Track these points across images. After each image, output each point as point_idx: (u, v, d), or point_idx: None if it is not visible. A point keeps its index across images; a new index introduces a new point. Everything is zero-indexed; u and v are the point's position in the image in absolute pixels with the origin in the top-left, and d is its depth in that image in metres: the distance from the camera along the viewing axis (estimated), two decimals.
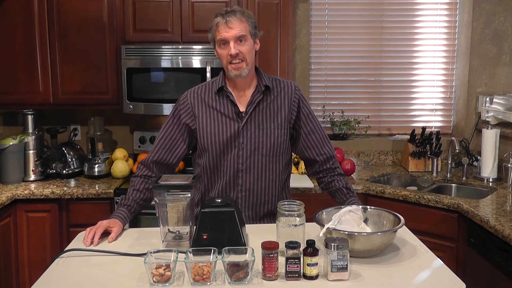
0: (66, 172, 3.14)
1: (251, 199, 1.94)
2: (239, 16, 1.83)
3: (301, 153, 2.03)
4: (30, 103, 3.11)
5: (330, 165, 2.01)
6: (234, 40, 1.82)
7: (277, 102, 1.94)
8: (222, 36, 1.82)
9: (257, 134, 1.90)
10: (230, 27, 1.81)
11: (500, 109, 3.25)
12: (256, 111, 1.91)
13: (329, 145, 2.02)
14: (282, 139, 1.93)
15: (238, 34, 1.82)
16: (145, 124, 3.50)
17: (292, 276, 1.40)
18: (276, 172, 1.96)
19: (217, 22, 1.83)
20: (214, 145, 1.90)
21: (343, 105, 3.62)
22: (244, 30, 1.83)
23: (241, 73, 1.85)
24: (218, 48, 1.87)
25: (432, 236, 2.61)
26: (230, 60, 1.84)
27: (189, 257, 1.41)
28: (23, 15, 3.00)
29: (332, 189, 2.00)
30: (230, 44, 1.82)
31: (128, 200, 1.89)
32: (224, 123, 1.91)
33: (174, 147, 1.95)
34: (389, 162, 3.59)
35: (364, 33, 3.61)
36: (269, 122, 1.92)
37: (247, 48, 1.85)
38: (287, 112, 1.95)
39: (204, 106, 1.93)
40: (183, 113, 1.94)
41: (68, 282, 1.44)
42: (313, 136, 1.98)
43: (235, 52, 1.82)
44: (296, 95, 1.97)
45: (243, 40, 1.84)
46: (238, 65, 1.84)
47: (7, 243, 2.75)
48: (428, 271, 1.52)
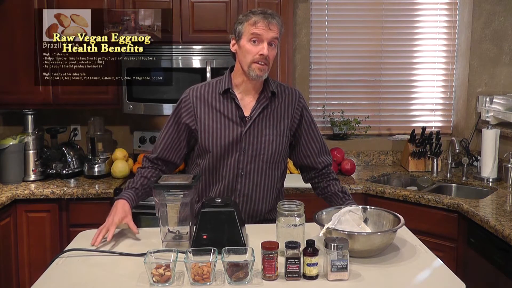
0: (66, 172, 3.14)
1: (248, 205, 1.93)
2: (278, 21, 1.84)
3: (299, 161, 2.03)
4: (30, 103, 3.11)
5: (325, 171, 2.02)
6: (268, 42, 1.81)
7: (281, 109, 1.94)
8: (260, 32, 1.80)
9: (259, 140, 1.90)
10: (270, 28, 1.80)
11: (500, 109, 3.25)
12: (260, 116, 1.91)
13: (327, 154, 2.04)
14: (282, 147, 1.94)
15: (275, 36, 1.82)
16: (145, 124, 3.50)
17: (292, 276, 1.40)
18: (274, 179, 1.96)
19: (256, 19, 1.81)
20: (215, 148, 1.89)
21: (343, 105, 3.62)
22: (278, 36, 1.85)
23: (262, 75, 1.84)
24: (247, 42, 1.83)
25: (432, 236, 2.61)
26: (258, 60, 1.82)
27: (189, 257, 1.41)
28: (23, 15, 3.00)
29: (328, 194, 2.00)
30: (263, 44, 1.81)
31: (136, 183, 1.90)
32: (227, 126, 1.89)
33: (177, 147, 1.95)
34: (389, 162, 3.59)
35: (364, 33, 3.60)
36: (272, 129, 1.91)
37: (274, 54, 1.86)
38: (290, 120, 1.95)
39: (206, 107, 1.91)
40: (184, 112, 1.92)
41: (68, 282, 1.44)
42: (313, 145, 1.99)
43: (267, 53, 1.81)
44: (300, 104, 1.97)
45: (274, 45, 1.84)
46: (263, 66, 1.83)
47: (7, 243, 2.75)
48: (428, 271, 1.52)
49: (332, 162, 2.07)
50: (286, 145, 1.96)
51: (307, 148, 1.99)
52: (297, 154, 2.02)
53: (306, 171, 2.06)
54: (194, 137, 1.94)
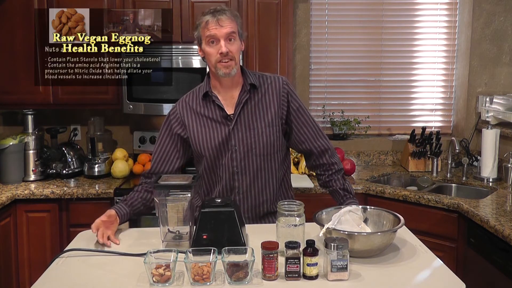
0: (66, 172, 3.14)
1: (249, 201, 1.93)
2: (229, 15, 1.82)
3: (296, 147, 2.01)
4: (30, 103, 3.11)
5: (327, 158, 1.98)
6: (225, 38, 1.81)
7: (265, 100, 1.92)
8: (212, 33, 1.80)
9: (248, 135, 1.89)
10: (221, 25, 1.79)
11: (500, 109, 3.25)
12: (244, 111, 1.90)
13: (323, 137, 1.99)
14: (274, 137, 1.91)
15: (229, 31, 1.81)
16: (145, 124, 3.50)
17: (292, 276, 1.40)
18: (272, 171, 1.94)
19: (207, 20, 1.81)
20: (207, 151, 1.90)
21: (343, 105, 3.62)
22: (234, 29, 1.83)
23: (230, 71, 1.83)
24: (206, 46, 1.84)
25: (432, 236, 2.61)
26: (220, 59, 1.82)
27: (189, 257, 1.41)
28: (23, 15, 3.00)
29: (330, 189, 2.00)
30: (220, 42, 1.80)
31: (124, 197, 1.93)
32: (213, 128, 1.90)
33: (169, 159, 1.96)
34: (389, 162, 3.59)
35: (364, 33, 3.60)
36: (259, 121, 1.90)
37: (236, 48, 1.84)
38: (277, 108, 1.92)
39: (193, 114, 1.93)
40: (174, 123, 1.94)
41: (68, 282, 1.44)
42: (305, 129, 1.95)
43: (226, 50, 1.80)
44: (284, 90, 1.93)
45: (233, 39, 1.83)
46: (228, 63, 1.82)
47: (7, 243, 2.75)
48: (428, 271, 1.52)
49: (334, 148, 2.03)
50: (279, 135, 1.93)
51: (300, 134, 1.96)
52: (293, 141, 1.99)
53: (307, 157, 2.04)
54: (189, 146, 1.95)
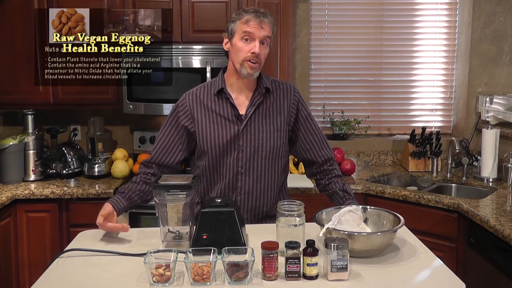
0: (66, 172, 3.14)
1: (250, 202, 1.93)
2: (271, 20, 1.85)
3: (300, 155, 2.03)
4: (30, 103, 3.11)
5: (328, 166, 2.01)
6: (260, 40, 1.83)
7: (276, 105, 1.94)
8: (251, 30, 1.81)
9: (257, 137, 1.90)
10: (262, 27, 1.82)
11: (500, 109, 3.25)
12: (256, 113, 1.91)
13: (328, 147, 2.02)
14: (281, 142, 1.93)
15: (266, 35, 1.83)
16: (145, 124, 3.50)
17: (292, 276, 1.40)
18: (275, 174, 1.95)
19: (248, 17, 1.82)
20: (213, 148, 1.90)
21: (343, 105, 3.62)
22: (270, 35, 1.86)
23: (254, 73, 1.85)
24: (239, 41, 1.84)
25: (432, 236, 2.61)
26: (250, 58, 1.83)
27: (189, 257, 1.41)
28: (23, 15, 3.00)
29: (329, 192, 2.00)
30: (255, 42, 1.82)
31: (122, 189, 1.90)
32: (223, 126, 1.90)
33: (171, 150, 1.94)
34: (389, 162, 3.59)
35: (364, 33, 3.60)
36: (268, 125, 1.91)
37: (265, 52, 1.87)
38: (286, 115, 1.95)
39: (203, 109, 1.93)
40: (182, 115, 1.93)
41: (68, 282, 1.44)
42: (311, 138, 1.99)
43: (259, 51, 1.82)
44: (295, 97, 1.97)
45: (266, 43, 1.86)
46: (255, 65, 1.84)
47: (7, 243, 2.75)
48: (428, 271, 1.52)
49: (335, 157, 2.06)
50: (285, 140, 1.96)
51: (306, 142, 1.99)
52: (297, 149, 2.01)
53: (308, 166, 2.05)
54: (194, 140, 1.94)
